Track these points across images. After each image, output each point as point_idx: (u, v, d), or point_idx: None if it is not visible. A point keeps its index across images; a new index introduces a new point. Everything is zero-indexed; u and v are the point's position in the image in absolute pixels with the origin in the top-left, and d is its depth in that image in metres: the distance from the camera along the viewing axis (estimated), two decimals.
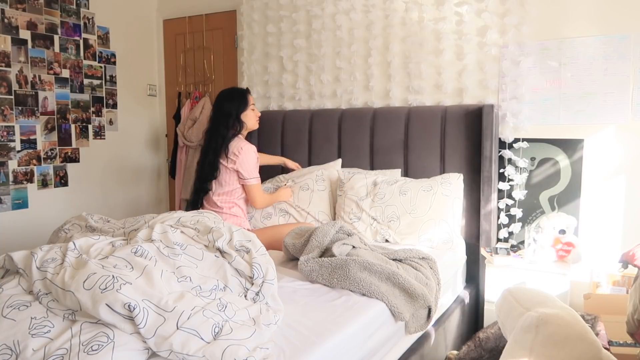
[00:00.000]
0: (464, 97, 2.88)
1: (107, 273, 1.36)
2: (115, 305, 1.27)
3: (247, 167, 2.61)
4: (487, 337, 2.27)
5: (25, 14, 3.25)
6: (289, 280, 1.93)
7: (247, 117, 2.70)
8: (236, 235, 1.73)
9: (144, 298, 1.31)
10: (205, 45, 3.92)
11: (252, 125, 2.76)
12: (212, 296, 1.48)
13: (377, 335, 1.73)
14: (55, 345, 1.22)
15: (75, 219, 2.08)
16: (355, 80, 3.21)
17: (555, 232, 2.47)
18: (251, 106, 2.72)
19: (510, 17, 2.71)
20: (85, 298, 1.30)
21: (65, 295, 1.34)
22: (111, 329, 1.26)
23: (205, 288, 1.53)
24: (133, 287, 1.34)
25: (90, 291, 1.31)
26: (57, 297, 1.36)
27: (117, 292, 1.29)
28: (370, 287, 1.80)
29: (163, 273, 1.48)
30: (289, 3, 3.38)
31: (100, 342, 1.22)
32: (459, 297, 2.56)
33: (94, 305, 1.28)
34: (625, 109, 2.54)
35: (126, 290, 1.30)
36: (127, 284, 1.33)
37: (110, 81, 3.83)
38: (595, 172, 2.63)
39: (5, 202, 3.20)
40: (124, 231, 1.83)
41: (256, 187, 2.67)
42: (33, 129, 3.33)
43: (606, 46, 2.55)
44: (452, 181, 2.65)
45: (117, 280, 1.33)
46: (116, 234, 1.83)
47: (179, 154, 3.83)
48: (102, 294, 1.29)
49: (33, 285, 1.42)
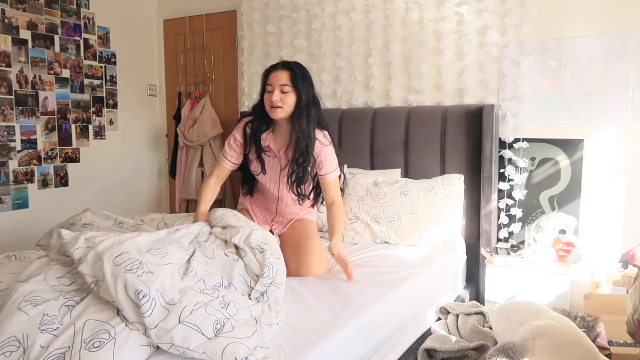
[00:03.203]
0: (464, 97, 2.88)
1: (138, 257, 1.43)
2: (129, 288, 1.33)
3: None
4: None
5: (26, 14, 3.25)
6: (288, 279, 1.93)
7: (265, 101, 2.17)
8: (255, 234, 1.76)
9: (157, 289, 1.35)
10: (206, 45, 3.92)
11: (268, 111, 2.16)
12: (215, 294, 1.50)
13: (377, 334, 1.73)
14: (58, 342, 1.23)
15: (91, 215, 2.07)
16: (356, 80, 3.21)
17: (555, 232, 2.47)
18: (267, 87, 2.14)
19: (510, 17, 2.71)
20: (109, 271, 1.38)
21: (96, 262, 1.42)
22: (113, 326, 1.27)
23: (209, 285, 1.55)
24: (154, 277, 1.38)
25: (117, 267, 1.38)
26: (91, 261, 1.44)
27: (138, 277, 1.35)
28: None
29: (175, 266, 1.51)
30: (289, 3, 3.38)
31: (102, 340, 1.22)
32: (459, 297, 2.56)
33: (114, 280, 1.35)
34: (626, 109, 2.54)
35: (145, 278, 1.36)
36: (148, 273, 1.38)
37: (111, 81, 3.83)
38: (595, 172, 2.63)
39: (5, 202, 3.20)
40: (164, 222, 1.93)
41: (216, 163, 2.33)
42: (33, 129, 3.34)
43: (606, 46, 2.55)
44: (453, 182, 2.65)
45: (142, 267, 1.39)
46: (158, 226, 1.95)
47: (179, 154, 3.84)
48: (124, 273, 1.36)
49: (73, 252, 1.48)
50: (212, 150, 3.69)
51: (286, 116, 2.13)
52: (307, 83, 2.14)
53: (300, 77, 2.11)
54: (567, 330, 1.76)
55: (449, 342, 2.00)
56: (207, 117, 3.67)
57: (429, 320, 2.25)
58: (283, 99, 2.08)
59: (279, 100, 2.08)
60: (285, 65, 2.14)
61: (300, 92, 2.09)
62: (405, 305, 1.98)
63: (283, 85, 2.08)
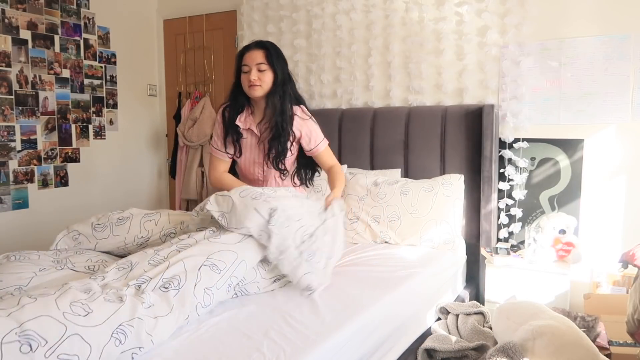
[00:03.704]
0: (464, 97, 2.88)
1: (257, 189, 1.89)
2: (262, 209, 1.74)
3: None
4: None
5: (26, 14, 3.25)
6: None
7: (242, 81, 2.19)
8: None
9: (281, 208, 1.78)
10: (206, 45, 3.92)
11: (246, 91, 2.18)
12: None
13: (377, 334, 1.73)
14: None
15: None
16: (356, 80, 3.21)
17: (555, 232, 2.47)
18: (243, 67, 2.16)
19: (510, 17, 2.71)
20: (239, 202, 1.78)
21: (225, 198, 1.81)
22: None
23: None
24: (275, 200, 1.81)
25: (244, 198, 1.80)
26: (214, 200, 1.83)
27: (265, 201, 1.78)
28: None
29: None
30: (289, 3, 3.38)
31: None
32: (459, 296, 2.56)
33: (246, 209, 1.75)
34: (626, 109, 2.54)
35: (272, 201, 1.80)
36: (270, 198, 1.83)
37: (111, 81, 3.83)
38: (595, 172, 2.63)
39: (5, 202, 3.20)
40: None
41: (211, 159, 2.36)
42: (33, 129, 3.34)
43: (606, 46, 2.55)
44: (453, 182, 2.65)
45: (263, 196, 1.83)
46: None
47: (179, 154, 3.84)
48: (252, 200, 1.79)
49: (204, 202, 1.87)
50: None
51: (264, 94, 2.16)
52: (281, 61, 2.19)
53: (275, 55, 2.16)
54: (567, 330, 1.76)
55: (449, 342, 2.00)
56: (207, 117, 3.67)
57: (429, 320, 2.25)
58: (260, 77, 2.13)
59: (257, 79, 2.12)
60: (259, 44, 2.18)
61: (276, 70, 2.14)
62: (405, 305, 1.98)
63: (259, 64, 2.12)
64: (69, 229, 2.00)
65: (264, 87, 2.14)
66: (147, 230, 1.97)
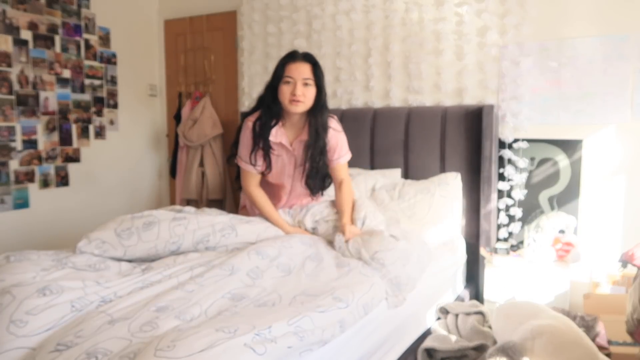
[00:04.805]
0: (464, 97, 2.88)
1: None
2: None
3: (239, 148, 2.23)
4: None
5: (26, 15, 3.26)
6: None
7: (281, 93, 2.05)
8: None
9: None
10: (206, 46, 3.92)
11: (285, 105, 2.06)
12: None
13: (376, 333, 1.73)
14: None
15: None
16: (356, 81, 3.21)
17: (554, 231, 2.47)
18: (285, 78, 2.03)
19: (510, 17, 2.71)
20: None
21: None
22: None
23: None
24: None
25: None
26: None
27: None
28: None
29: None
30: (289, 3, 3.39)
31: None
32: (459, 296, 2.56)
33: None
34: (625, 109, 2.54)
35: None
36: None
37: (111, 81, 3.84)
38: (594, 172, 2.64)
39: (6, 202, 3.21)
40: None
41: (242, 172, 2.25)
42: (34, 129, 3.34)
43: (606, 46, 2.56)
44: (449, 181, 2.65)
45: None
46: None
47: (180, 154, 3.84)
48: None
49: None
50: (212, 151, 3.69)
51: (305, 110, 2.06)
52: (323, 76, 2.09)
53: (321, 71, 2.05)
54: (566, 329, 1.76)
55: (449, 341, 2.01)
56: (208, 118, 3.67)
57: (429, 320, 2.26)
58: (304, 92, 2.00)
59: (302, 94, 2.00)
60: (307, 57, 2.06)
61: (321, 86, 2.05)
62: (404, 304, 1.98)
63: (306, 79, 2.01)
64: (89, 237, 1.85)
65: (307, 103, 2.03)
66: (178, 235, 1.89)
